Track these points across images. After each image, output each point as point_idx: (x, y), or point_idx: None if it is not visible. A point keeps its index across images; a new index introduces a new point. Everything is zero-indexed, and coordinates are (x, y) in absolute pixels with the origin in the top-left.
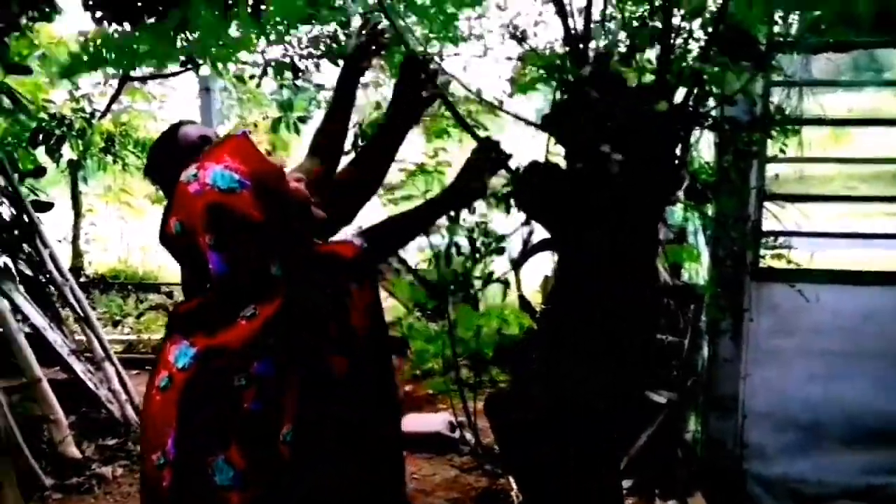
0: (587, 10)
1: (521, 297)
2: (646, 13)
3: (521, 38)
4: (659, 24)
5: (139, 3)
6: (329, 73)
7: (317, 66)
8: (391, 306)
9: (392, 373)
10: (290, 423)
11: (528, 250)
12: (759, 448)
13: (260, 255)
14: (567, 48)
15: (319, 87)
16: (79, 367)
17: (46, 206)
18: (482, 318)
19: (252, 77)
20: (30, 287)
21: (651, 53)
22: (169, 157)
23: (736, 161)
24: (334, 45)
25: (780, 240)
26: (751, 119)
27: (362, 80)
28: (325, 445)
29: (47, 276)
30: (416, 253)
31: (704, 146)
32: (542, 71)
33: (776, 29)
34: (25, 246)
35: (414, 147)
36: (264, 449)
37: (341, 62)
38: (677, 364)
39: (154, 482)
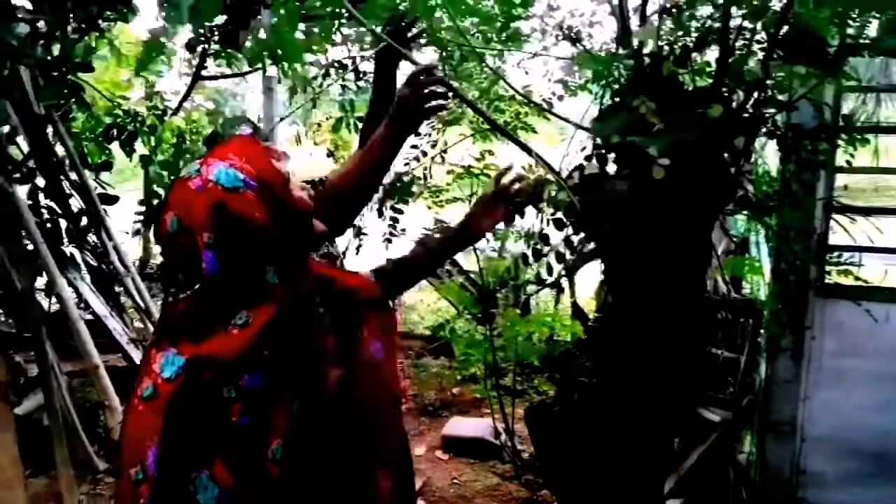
0: (642, 9)
1: (574, 304)
2: (703, 13)
3: (574, 39)
4: (718, 25)
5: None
6: None
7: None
8: (439, 308)
9: (397, 402)
10: (279, 440)
11: (583, 256)
12: (818, 475)
13: (257, 258)
14: (620, 48)
15: None
16: (136, 355)
17: (112, 199)
18: (529, 324)
19: (315, 78)
20: (94, 276)
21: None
22: None
23: (799, 171)
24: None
25: (849, 255)
26: (817, 126)
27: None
28: (317, 464)
29: (111, 266)
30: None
31: (771, 153)
32: (593, 72)
33: (849, 31)
34: (92, 237)
35: (461, 149)
36: (252, 466)
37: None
38: (733, 381)
39: (131, 499)
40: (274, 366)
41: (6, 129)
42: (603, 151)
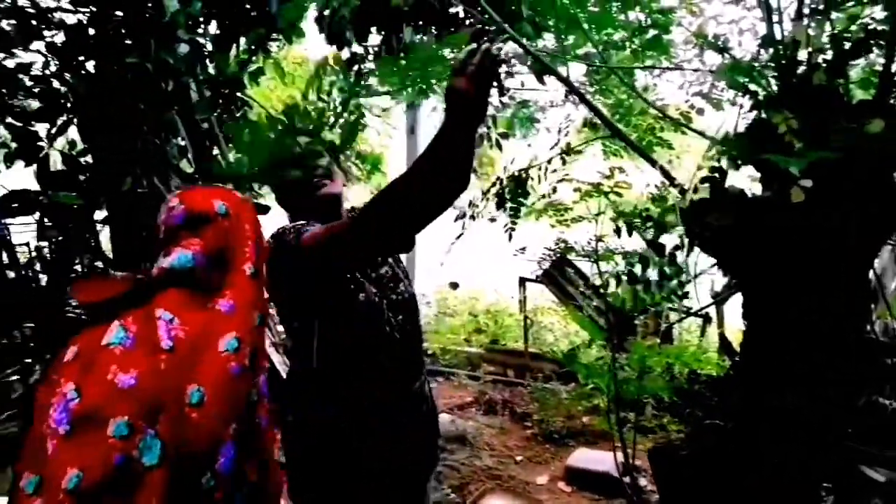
0: (798, 13)
1: (722, 336)
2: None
3: (721, 49)
4: (884, 27)
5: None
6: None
7: (522, 84)
8: (577, 330)
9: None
10: None
11: (732, 285)
12: None
13: None
14: (768, 57)
15: (523, 103)
16: (276, 357)
17: (264, 209)
18: (662, 356)
19: None
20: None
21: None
22: None
23: None
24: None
25: None
26: None
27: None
28: None
29: None
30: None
31: None
32: (732, 82)
33: None
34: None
35: (589, 165)
36: None
37: (546, 77)
38: None
39: None
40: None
41: (182, 142)
42: (722, 170)
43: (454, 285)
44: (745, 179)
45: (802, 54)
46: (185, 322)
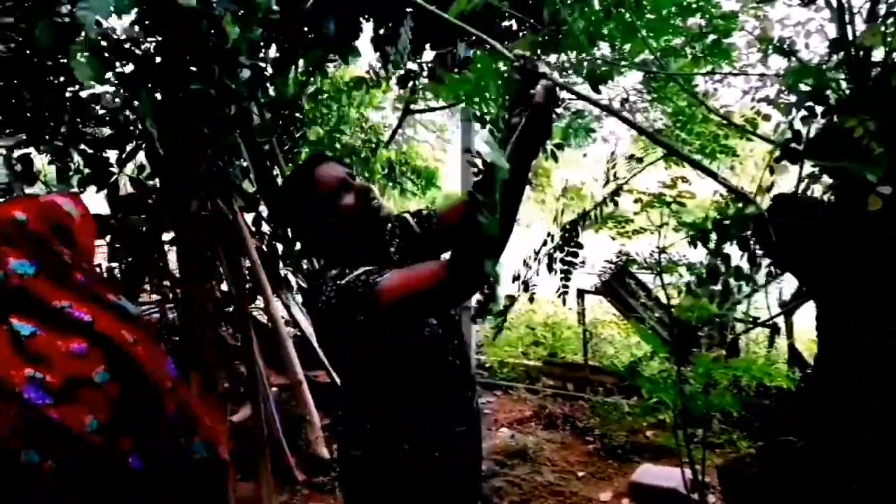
0: (871, 11)
1: (792, 348)
2: None
3: (788, 52)
4: None
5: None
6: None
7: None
8: (637, 342)
9: None
10: None
11: (801, 295)
12: None
13: None
14: (840, 59)
15: (577, 114)
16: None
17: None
18: (728, 369)
19: None
20: (303, 297)
21: None
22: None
23: None
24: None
25: None
26: None
27: None
28: None
29: None
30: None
31: None
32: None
33: None
34: (304, 262)
35: (650, 175)
36: None
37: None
38: None
39: None
40: None
41: (243, 163)
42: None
43: (511, 298)
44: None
45: (878, 55)
46: None
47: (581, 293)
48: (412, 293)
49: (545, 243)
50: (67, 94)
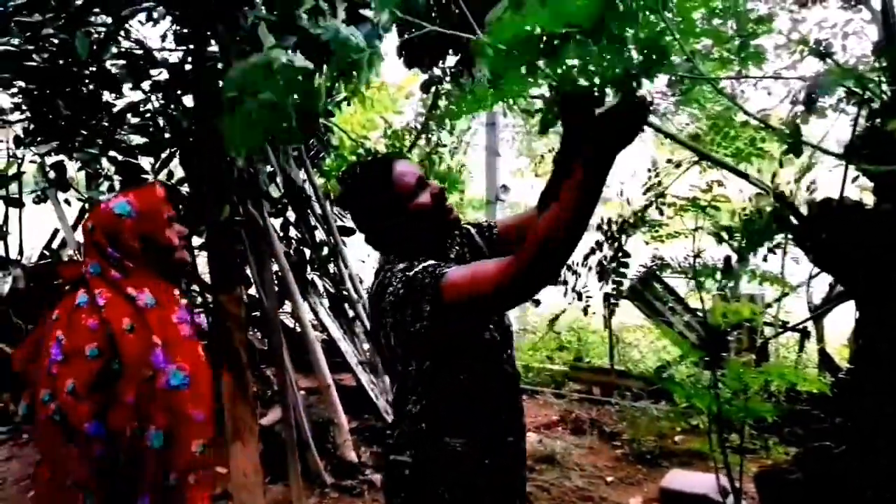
0: None
1: (822, 352)
2: None
3: (824, 54)
4: None
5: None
6: None
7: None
8: (664, 345)
9: None
10: None
11: (832, 298)
12: None
13: None
14: (883, 62)
15: None
16: (364, 377)
17: (350, 231)
18: (761, 374)
19: (539, 111)
20: (331, 301)
21: None
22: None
23: None
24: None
25: None
26: None
27: None
28: None
29: (346, 292)
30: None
31: None
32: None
33: None
34: (331, 266)
35: (685, 179)
36: None
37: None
38: None
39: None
40: None
41: (269, 169)
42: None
43: (536, 302)
44: (854, 190)
45: None
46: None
47: (607, 297)
48: (478, 286)
49: (593, 251)
50: (102, 102)
